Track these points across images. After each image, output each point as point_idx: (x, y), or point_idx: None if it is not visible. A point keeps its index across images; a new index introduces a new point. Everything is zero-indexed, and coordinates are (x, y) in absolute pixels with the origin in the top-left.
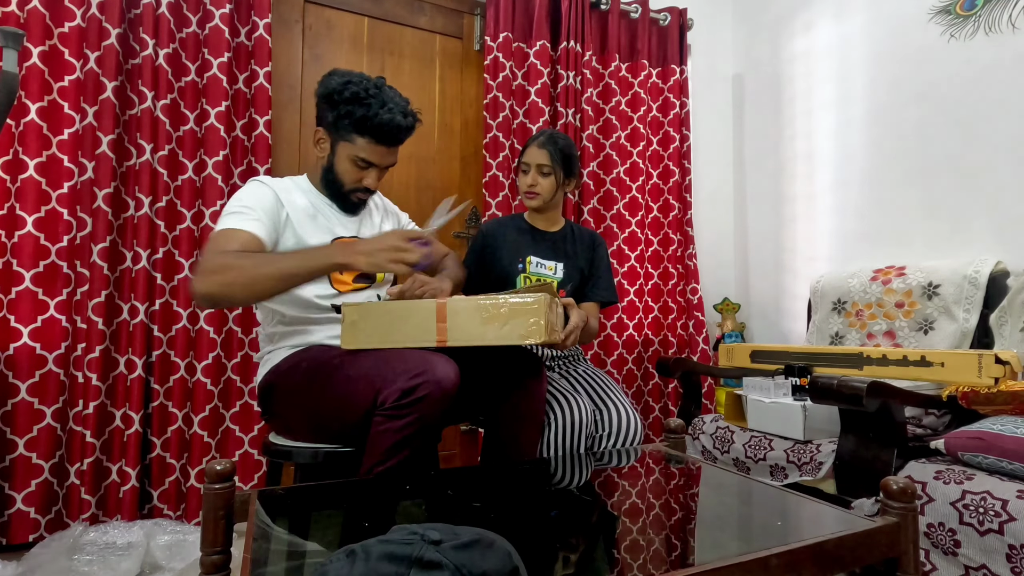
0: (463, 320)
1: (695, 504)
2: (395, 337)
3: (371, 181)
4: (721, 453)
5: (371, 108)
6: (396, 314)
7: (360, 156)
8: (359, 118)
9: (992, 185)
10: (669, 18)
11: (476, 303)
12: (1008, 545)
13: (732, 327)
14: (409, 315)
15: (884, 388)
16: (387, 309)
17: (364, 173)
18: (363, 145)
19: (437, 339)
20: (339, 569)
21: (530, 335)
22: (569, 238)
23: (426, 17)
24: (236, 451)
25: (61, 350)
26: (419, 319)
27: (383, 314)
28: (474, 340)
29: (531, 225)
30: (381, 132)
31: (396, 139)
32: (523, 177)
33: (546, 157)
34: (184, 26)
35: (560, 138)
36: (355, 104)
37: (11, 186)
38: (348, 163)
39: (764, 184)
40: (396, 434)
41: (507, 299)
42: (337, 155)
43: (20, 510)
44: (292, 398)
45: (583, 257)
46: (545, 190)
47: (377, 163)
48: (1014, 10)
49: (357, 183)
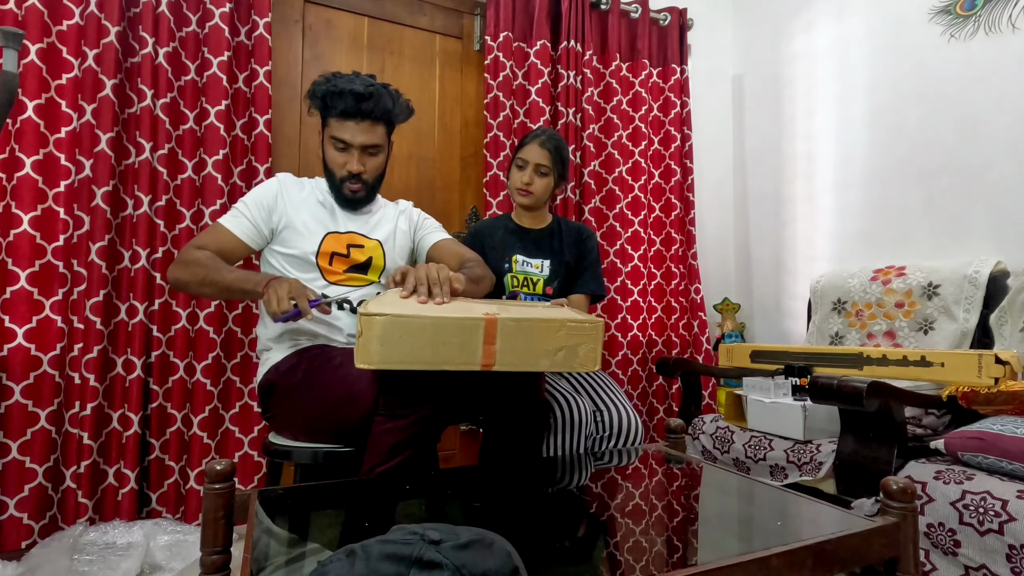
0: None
1: (695, 504)
2: (427, 357)
3: (353, 164)
4: (721, 453)
5: (332, 87)
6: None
7: (334, 135)
8: (323, 97)
9: (992, 185)
10: (669, 18)
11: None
12: (1008, 545)
13: (732, 327)
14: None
15: (884, 388)
16: (420, 325)
17: (346, 157)
18: (335, 124)
19: (482, 362)
20: (339, 569)
21: (585, 364)
22: (556, 234)
23: (426, 17)
24: (236, 452)
25: (56, 351)
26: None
27: (416, 331)
28: (524, 365)
29: (517, 224)
30: (343, 103)
31: (359, 109)
32: (518, 173)
33: (547, 158)
34: (184, 25)
35: (559, 139)
36: (323, 88)
37: (7, 184)
38: (331, 150)
39: (764, 184)
40: (398, 434)
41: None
42: (325, 147)
43: (12, 516)
44: (292, 398)
45: (569, 251)
46: (539, 190)
47: (350, 141)
48: (1014, 10)
49: (343, 169)
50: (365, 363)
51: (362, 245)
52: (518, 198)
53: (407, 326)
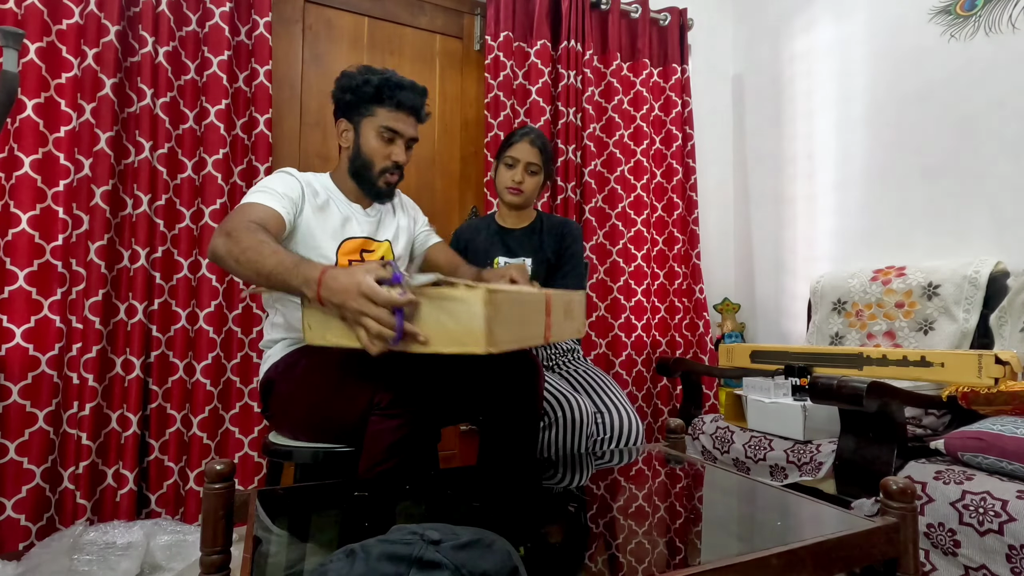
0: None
1: (695, 504)
2: (522, 334)
3: (399, 154)
4: (721, 453)
5: (388, 78)
6: (528, 306)
7: (384, 125)
8: (377, 87)
9: (992, 185)
10: (669, 18)
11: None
12: (1008, 545)
13: (732, 327)
14: (536, 308)
15: (884, 388)
16: (519, 299)
17: (391, 147)
18: (385, 114)
19: (545, 336)
20: (339, 569)
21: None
22: (537, 230)
23: (426, 17)
24: (236, 453)
25: (55, 351)
26: (539, 315)
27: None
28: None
29: (500, 225)
30: (402, 95)
31: (413, 104)
32: (507, 171)
33: (537, 156)
34: (184, 24)
35: (545, 137)
36: (369, 80)
37: (6, 183)
38: (374, 138)
39: (764, 184)
40: (393, 433)
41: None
42: (362, 135)
43: (10, 517)
44: (291, 396)
45: (549, 247)
46: (529, 188)
47: (401, 132)
48: (1014, 10)
49: (386, 159)
50: (492, 346)
51: (372, 250)
52: (508, 197)
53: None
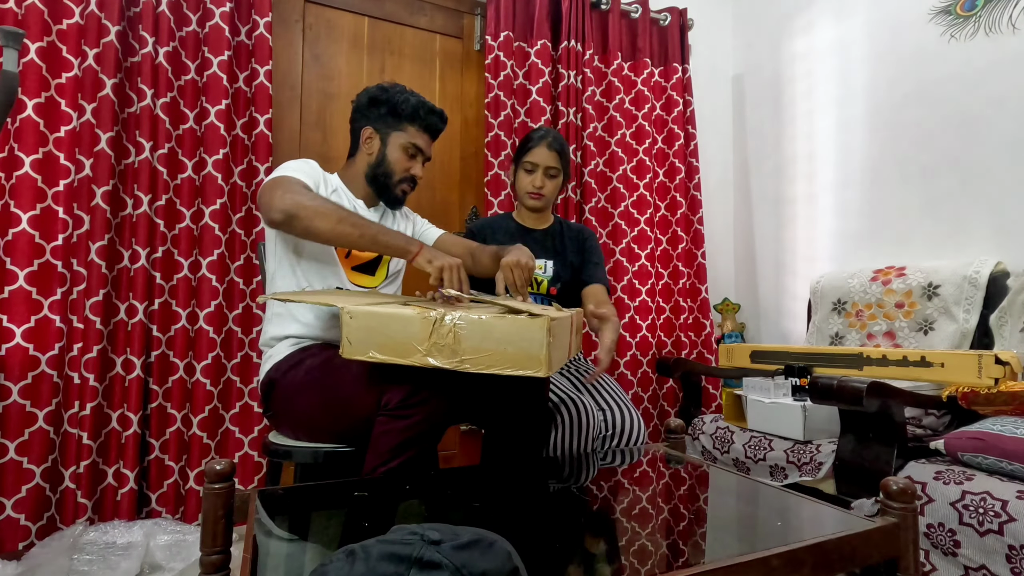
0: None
1: (695, 504)
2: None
3: (418, 169)
4: (721, 453)
5: (423, 101)
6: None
7: (412, 143)
8: (413, 107)
9: (992, 185)
10: (669, 18)
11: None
12: (1008, 546)
13: (732, 327)
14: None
15: (884, 388)
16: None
17: (413, 162)
18: (414, 132)
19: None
20: (339, 569)
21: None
22: (558, 234)
23: (426, 17)
24: (236, 453)
25: (55, 351)
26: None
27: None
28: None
29: (519, 224)
30: (430, 118)
31: (437, 129)
32: (527, 177)
33: (556, 159)
34: (184, 24)
35: (562, 138)
36: (408, 100)
37: (6, 183)
38: (400, 152)
39: (764, 184)
40: (400, 435)
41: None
42: (389, 146)
43: (10, 516)
44: (292, 396)
45: (573, 252)
46: (550, 192)
47: (423, 150)
48: (1014, 10)
49: (406, 172)
50: (552, 370)
51: None
52: (529, 202)
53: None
